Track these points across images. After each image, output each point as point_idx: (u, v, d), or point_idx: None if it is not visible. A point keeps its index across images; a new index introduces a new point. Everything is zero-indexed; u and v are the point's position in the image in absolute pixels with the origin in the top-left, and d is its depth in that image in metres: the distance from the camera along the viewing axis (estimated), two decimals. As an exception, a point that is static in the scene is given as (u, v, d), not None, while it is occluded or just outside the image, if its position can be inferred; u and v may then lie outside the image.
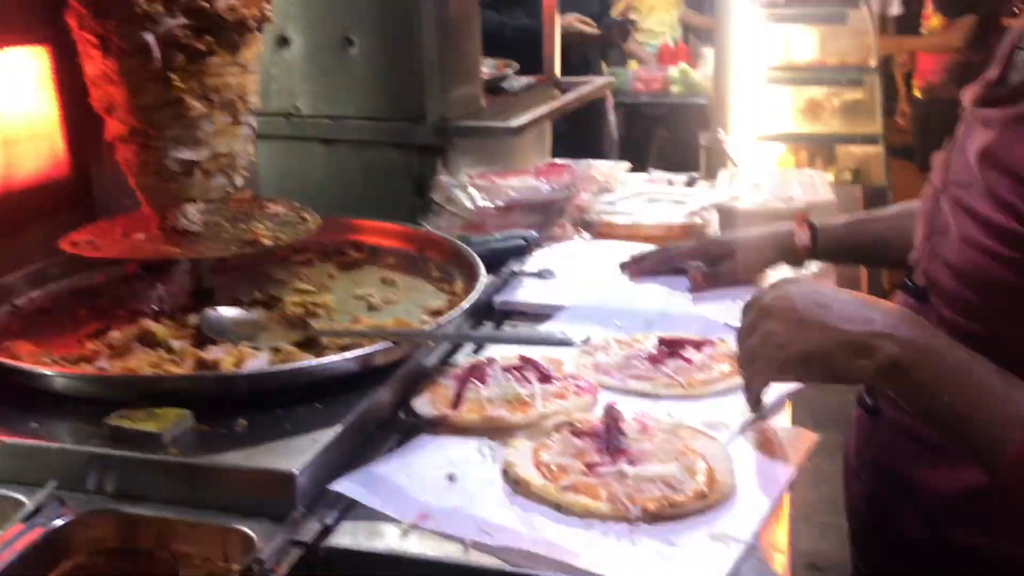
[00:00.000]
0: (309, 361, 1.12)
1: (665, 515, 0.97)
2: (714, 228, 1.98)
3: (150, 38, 1.25)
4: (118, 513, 1.00)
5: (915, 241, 1.21)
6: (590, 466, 1.03)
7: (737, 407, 1.17)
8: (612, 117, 4.69)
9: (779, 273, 1.57)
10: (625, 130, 5.21)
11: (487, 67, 2.82)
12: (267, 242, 1.35)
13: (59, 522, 0.98)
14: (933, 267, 1.10)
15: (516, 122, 2.17)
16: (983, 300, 1.02)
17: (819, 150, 5.07)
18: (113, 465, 1.02)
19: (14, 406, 1.12)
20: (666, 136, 5.52)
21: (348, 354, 1.13)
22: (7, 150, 1.46)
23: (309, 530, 0.96)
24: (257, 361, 1.14)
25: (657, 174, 2.71)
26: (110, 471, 1.02)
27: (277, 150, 2.35)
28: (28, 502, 0.99)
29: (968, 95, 1.17)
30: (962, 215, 1.05)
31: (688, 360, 1.30)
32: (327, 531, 0.97)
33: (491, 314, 1.56)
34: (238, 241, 1.35)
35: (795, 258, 1.55)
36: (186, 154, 1.35)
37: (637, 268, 1.66)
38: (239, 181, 1.46)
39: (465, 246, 1.51)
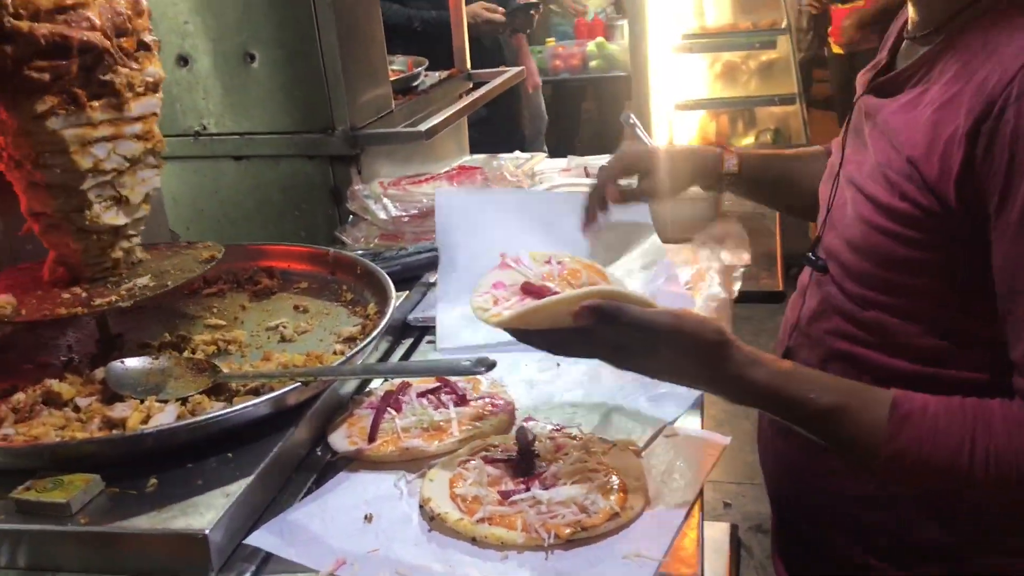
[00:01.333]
0: (216, 412, 1.11)
1: (579, 540, 0.99)
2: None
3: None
4: (31, 589, 0.99)
5: (817, 218, 1.26)
6: (504, 495, 1.04)
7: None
8: (541, 98, 4.69)
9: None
10: (551, 108, 5.21)
11: (397, 65, 2.81)
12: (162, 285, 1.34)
13: (-30, 605, 0.96)
14: (832, 241, 1.16)
15: (426, 125, 2.16)
16: (879, 271, 1.07)
17: (739, 114, 5.12)
18: (23, 539, 1.01)
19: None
20: (593, 110, 5.54)
21: (257, 400, 1.13)
22: None
23: (226, 589, 0.96)
24: (165, 415, 1.13)
25: (575, 161, 2.73)
26: (20, 545, 1.01)
27: (188, 170, 2.32)
28: (-64, 587, 0.98)
29: (860, 80, 1.21)
30: (856, 193, 1.11)
31: None
32: (245, 588, 0.97)
33: (408, 331, 1.57)
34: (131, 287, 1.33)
35: (714, 182, 1.53)
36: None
37: (588, 224, 1.52)
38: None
39: (375, 267, 1.51)
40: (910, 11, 1.14)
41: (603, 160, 2.74)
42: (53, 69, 1.22)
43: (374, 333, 1.30)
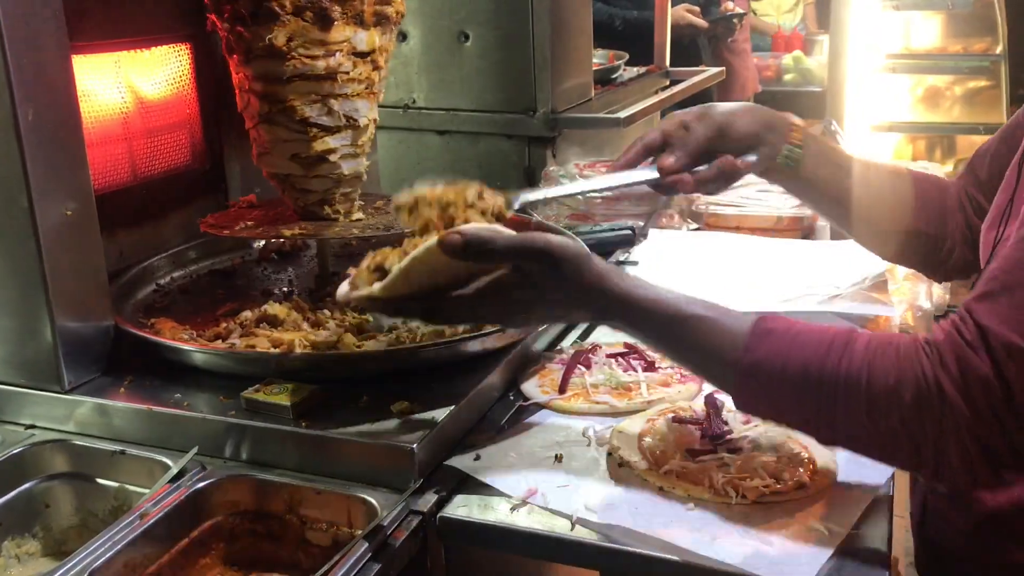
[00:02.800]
0: (424, 343, 1.19)
1: (765, 503, 1.00)
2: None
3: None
4: (253, 479, 1.08)
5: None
6: (693, 453, 1.07)
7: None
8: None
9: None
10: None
11: (598, 58, 2.86)
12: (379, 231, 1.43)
13: (200, 485, 1.07)
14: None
15: (624, 113, 2.20)
16: None
17: (938, 140, 4.91)
18: (248, 434, 1.11)
19: (159, 377, 1.22)
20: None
21: (461, 337, 1.20)
22: (150, 140, 1.58)
23: (426, 501, 1.03)
24: (378, 344, 1.21)
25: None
26: (245, 440, 1.12)
27: (395, 140, 2.45)
28: (173, 465, 1.09)
29: None
30: None
31: None
32: (443, 503, 1.04)
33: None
34: (360, 226, 1.44)
35: (780, 142, 1.25)
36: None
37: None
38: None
39: (573, 236, 1.56)
40: None
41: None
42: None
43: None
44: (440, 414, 1.11)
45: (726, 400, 1.18)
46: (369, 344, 1.22)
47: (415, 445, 1.04)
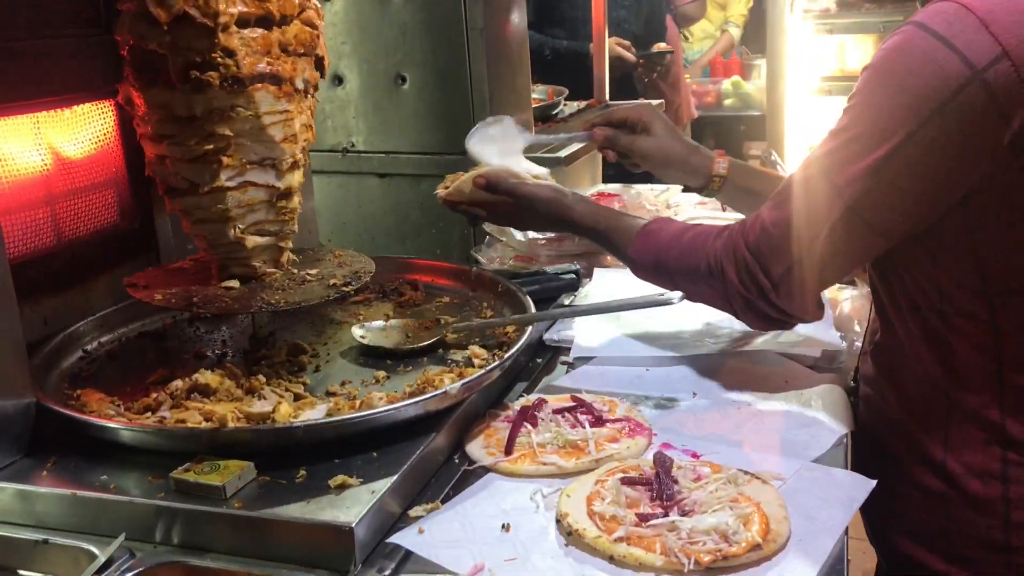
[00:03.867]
0: (364, 412, 1.15)
1: (719, 568, 0.97)
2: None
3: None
4: (185, 565, 1.03)
5: None
6: (642, 517, 1.04)
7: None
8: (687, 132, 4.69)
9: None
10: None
11: (537, 93, 2.85)
12: (327, 293, 1.39)
13: (130, 575, 1.01)
14: None
15: (565, 152, 2.18)
16: None
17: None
18: (179, 518, 1.06)
19: (84, 457, 1.16)
20: (711, 146, 5.48)
21: (403, 403, 1.16)
22: (75, 201, 1.52)
23: (367, 583, 0.99)
24: (314, 412, 1.17)
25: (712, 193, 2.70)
26: (176, 524, 1.06)
27: (333, 185, 2.41)
28: (100, 554, 1.03)
29: None
30: None
31: None
32: (385, 584, 0.99)
33: (542, 350, 1.58)
34: (298, 291, 1.39)
35: (700, 179, 1.62)
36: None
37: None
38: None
39: (515, 286, 1.53)
40: None
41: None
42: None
43: (515, 347, 1.32)
44: (381, 487, 1.07)
45: (675, 456, 1.17)
46: (305, 413, 1.17)
47: (354, 524, 1.00)
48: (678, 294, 1.34)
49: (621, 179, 2.87)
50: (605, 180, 2.94)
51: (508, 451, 1.21)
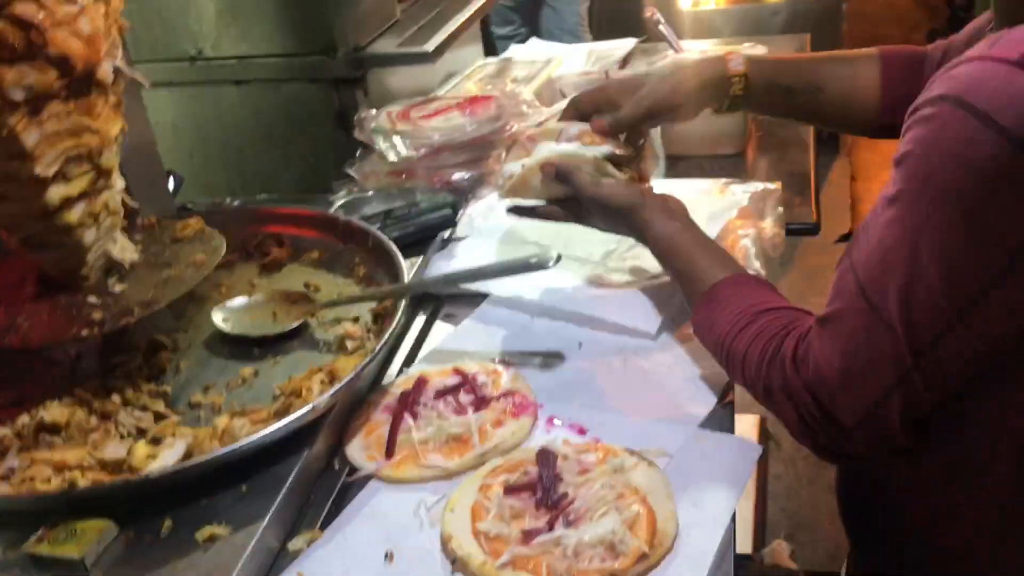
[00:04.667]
0: (226, 448, 1.07)
1: (606, 587, 0.95)
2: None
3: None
4: (53, 647, 0.98)
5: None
6: (528, 534, 1.00)
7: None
8: None
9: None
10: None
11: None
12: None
13: (-6, 665, 0.96)
14: None
15: (431, 46, 2.02)
16: None
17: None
18: (41, 597, 0.99)
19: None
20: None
21: (267, 431, 1.08)
22: None
23: (248, 647, 0.95)
24: (173, 452, 1.09)
25: (595, 55, 2.57)
26: (39, 600, 1.00)
27: (185, 96, 2.21)
28: (-40, 646, 0.97)
29: None
30: None
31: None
32: (267, 643, 0.96)
33: (428, 299, 1.50)
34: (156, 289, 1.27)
35: (723, 91, 1.35)
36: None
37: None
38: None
39: (388, 242, 1.42)
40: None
41: (622, 47, 2.60)
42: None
43: (385, 336, 1.24)
44: (252, 533, 1.01)
45: (556, 432, 1.14)
46: (163, 454, 1.09)
47: (225, 590, 0.94)
48: (553, 257, 1.25)
49: (489, 48, 2.71)
50: (486, 49, 2.77)
51: (389, 454, 1.15)
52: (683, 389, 1.24)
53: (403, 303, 1.30)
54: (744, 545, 2.50)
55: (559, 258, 1.25)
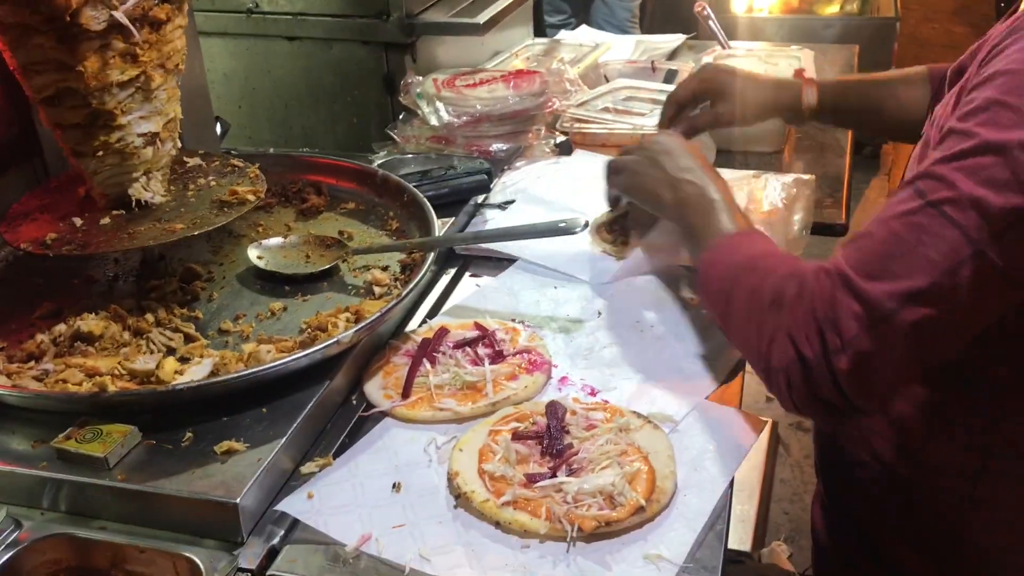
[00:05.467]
0: (250, 369, 1.11)
1: (601, 535, 0.99)
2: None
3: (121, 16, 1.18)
4: (72, 537, 1.02)
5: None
6: (531, 478, 1.04)
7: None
8: None
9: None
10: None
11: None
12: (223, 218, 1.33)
13: (17, 548, 1.00)
14: None
15: (482, 18, 2.06)
16: None
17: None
18: (64, 489, 1.04)
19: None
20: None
21: (291, 357, 1.12)
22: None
23: (255, 555, 0.99)
24: (200, 368, 1.13)
25: (642, 46, 2.60)
26: (61, 493, 1.04)
27: (241, 48, 2.27)
28: (-16, 526, 1.02)
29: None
30: None
31: None
32: (273, 554, 1.00)
33: (455, 259, 1.54)
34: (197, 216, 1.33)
35: (795, 116, 1.57)
36: (148, 127, 1.30)
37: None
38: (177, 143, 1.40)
39: (422, 198, 1.46)
40: None
41: (671, 42, 2.62)
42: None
43: (414, 281, 1.28)
44: (268, 451, 1.05)
45: (569, 390, 1.17)
46: (190, 370, 1.14)
47: (239, 499, 0.99)
48: (583, 221, 1.29)
49: (539, 30, 2.74)
50: (537, 31, 2.80)
51: (405, 394, 1.19)
52: (695, 363, 1.26)
53: (432, 255, 1.34)
54: (744, 543, 2.52)
55: (587, 224, 1.29)
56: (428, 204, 1.45)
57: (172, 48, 1.32)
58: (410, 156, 1.82)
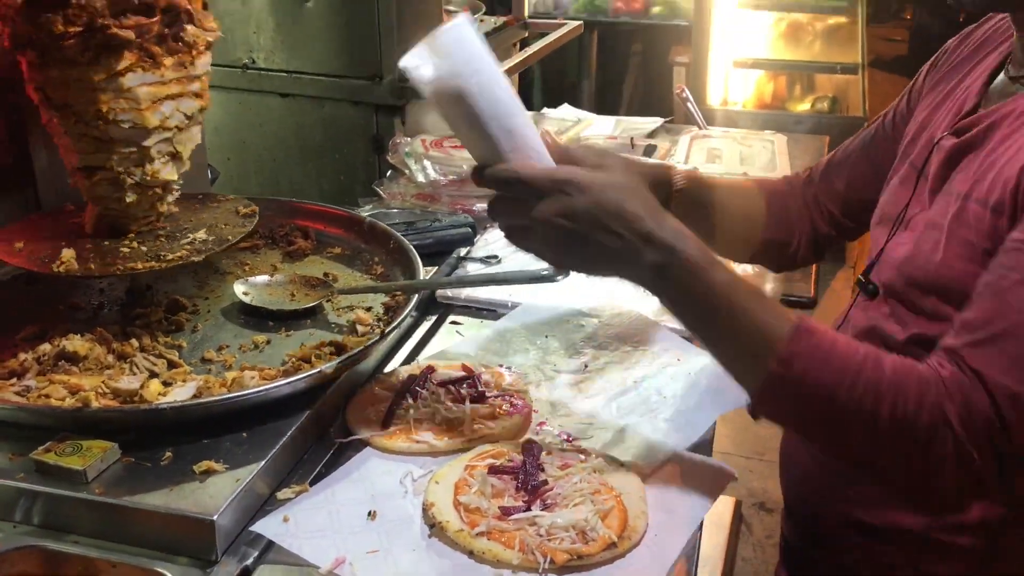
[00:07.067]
0: (233, 393, 1.13)
1: (574, 566, 1.00)
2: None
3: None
4: (43, 550, 1.02)
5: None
6: (506, 511, 1.06)
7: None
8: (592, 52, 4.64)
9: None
10: (600, 51, 5.14)
11: (454, 6, 2.76)
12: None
13: (-15, 558, 1.00)
14: (891, 276, 1.17)
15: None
16: (947, 308, 1.06)
17: (798, 77, 4.99)
18: (39, 500, 1.04)
19: (-59, 427, 1.13)
20: (640, 52, 5.42)
21: (273, 384, 1.14)
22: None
23: (227, 574, 0.99)
24: (184, 391, 1.15)
25: (622, 125, 2.69)
26: (36, 505, 1.05)
27: (234, 102, 2.32)
28: (-45, 536, 1.02)
29: (939, 123, 1.22)
30: (940, 236, 1.08)
31: None
32: (246, 574, 1.00)
33: (435, 307, 1.57)
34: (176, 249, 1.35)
35: (664, 197, 1.31)
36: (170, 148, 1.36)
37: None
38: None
39: (408, 245, 1.50)
40: (1017, 45, 1.12)
41: (649, 123, 2.71)
42: (138, 27, 1.23)
43: (398, 319, 1.31)
44: (247, 473, 1.06)
45: (547, 441, 1.19)
46: (173, 392, 1.15)
47: (215, 516, 1.00)
48: (564, 272, 1.30)
49: (529, 107, 2.84)
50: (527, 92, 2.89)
51: (385, 425, 1.21)
52: (674, 418, 1.29)
53: (416, 297, 1.38)
54: (705, 618, 2.51)
55: (569, 273, 1.32)
56: (413, 250, 1.49)
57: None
58: (395, 211, 1.87)
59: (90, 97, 1.25)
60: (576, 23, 2.88)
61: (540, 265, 1.33)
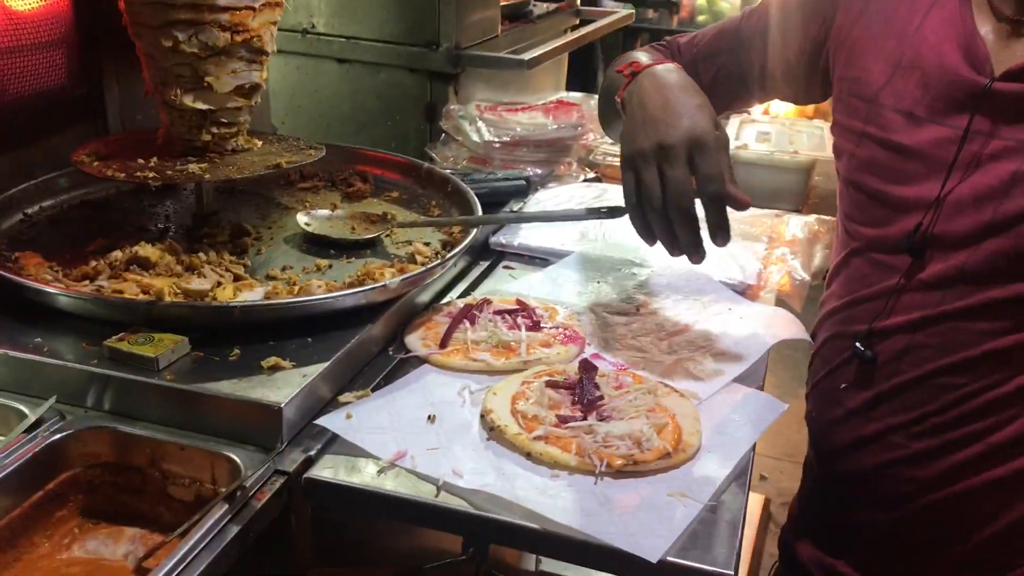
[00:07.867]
0: (302, 297, 1.16)
1: (629, 472, 1.02)
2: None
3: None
4: (114, 431, 1.05)
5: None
6: (563, 419, 1.08)
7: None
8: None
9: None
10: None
11: (513, -15, 2.79)
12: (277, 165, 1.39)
13: (58, 436, 1.03)
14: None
15: (528, 55, 2.16)
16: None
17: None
18: (111, 385, 1.07)
19: (19, 319, 1.16)
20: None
21: (341, 292, 1.17)
22: (18, 59, 1.48)
23: (292, 461, 1.02)
24: (252, 294, 1.18)
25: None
26: (108, 390, 1.08)
27: (291, 66, 2.36)
28: (30, 414, 1.05)
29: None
30: None
31: None
32: (310, 462, 1.03)
33: (487, 254, 1.60)
34: (248, 165, 1.39)
35: None
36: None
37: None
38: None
39: (465, 187, 1.54)
40: None
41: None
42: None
43: (458, 248, 1.33)
44: (312, 371, 1.09)
45: (600, 364, 1.21)
46: (243, 294, 1.18)
47: (283, 404, 1.02)
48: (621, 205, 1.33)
49: (584, 88, 2.86)
50: (568, 88, 2.92)
51: (443, 344, 1.24)
52: (725, 352, 1.30)
53: (473, 232, 1.40)
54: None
55: (623, 212, 1.34)
56: (471, 191, 1.51)
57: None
58: (448, 171, 1.90)
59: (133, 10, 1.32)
60: (627, 12, 2.91)
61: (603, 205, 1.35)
